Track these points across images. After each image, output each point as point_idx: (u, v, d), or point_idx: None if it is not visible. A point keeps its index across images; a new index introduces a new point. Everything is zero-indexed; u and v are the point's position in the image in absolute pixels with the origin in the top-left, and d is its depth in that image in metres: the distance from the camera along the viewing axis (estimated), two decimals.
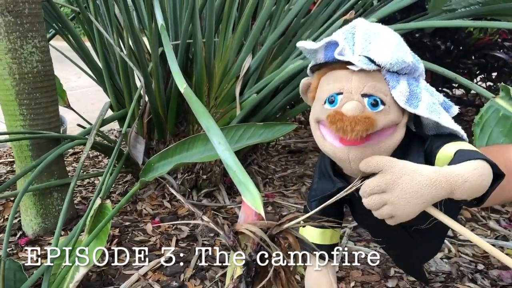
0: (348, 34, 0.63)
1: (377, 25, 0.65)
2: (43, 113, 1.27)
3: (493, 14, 1.46)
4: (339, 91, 0.60)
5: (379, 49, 0.60)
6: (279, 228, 0.46)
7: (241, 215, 0.50)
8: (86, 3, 1.63)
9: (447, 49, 2.06)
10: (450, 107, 0.66)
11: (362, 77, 0.59)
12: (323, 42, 0.61)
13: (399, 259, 0.92)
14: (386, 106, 0.59)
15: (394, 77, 0.60)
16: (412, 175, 0.54)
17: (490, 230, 1.39)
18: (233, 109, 1.47)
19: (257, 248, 0.47)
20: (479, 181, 0.54)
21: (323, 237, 0.82)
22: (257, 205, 0.48)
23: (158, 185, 1.61)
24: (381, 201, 0.56)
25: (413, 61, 0.61)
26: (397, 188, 0.54)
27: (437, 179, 0.54)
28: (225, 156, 0.55)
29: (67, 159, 2.03)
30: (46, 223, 1.34)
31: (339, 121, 0.57)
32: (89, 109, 2.96)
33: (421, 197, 0.54)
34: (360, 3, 1.67)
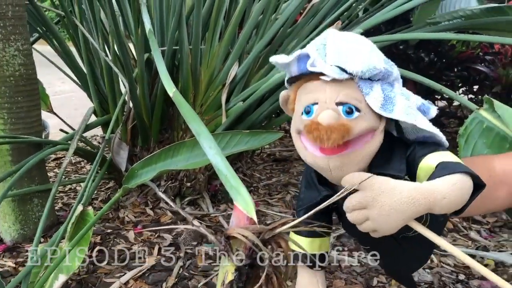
0: (320, 46, 0.64)
1: (348, 34, 0.66)
2: (24, 117, 1.25)
3: (475, 28, 1.49)
4: (314, 102, 0.61)
5: (350, 58, 0.61)
6: (271, 233, 0.46)
7: (232, 219, 0.49)
8: (72, 7, 1.61)
9: (431, 61, 2.09)
10: (428, 108, 0.66)
11: (335, 86, 0.61)
12: (295, 55, 0.63)
13: (388, 267, 0.92)
14: (361, 113, 0.60)
15: (367, 84, 0.61)
16: (391, 193, 0.56)
17: (471, 241, 1.40)
18: (218, 116, 1.47)
19: (249, 253, 0.46)
20: (459, 197, 0.56)
21: (312, 246, 0.82)
22: (249, 210, 0.47)
23: (141, 192, 1.60)
24: (363, 217, 0.58)
25: (385, 67, 0.62)
26: (377, 205, 0.56)
27: (415, 197, 0.55)
28: (216, 160, 0.55)
29: (48, 165, 2.00)
30: (25, 230, 1.31)
31: (316, 130, 0.59)
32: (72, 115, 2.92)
33: (400, 214, 0.56)
34: (345, 14, 1.69)
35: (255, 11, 1.45)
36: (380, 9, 1.54)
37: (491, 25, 1.39)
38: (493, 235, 1.44)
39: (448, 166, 0.58)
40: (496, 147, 0.87)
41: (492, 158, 0.80)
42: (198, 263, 1.22)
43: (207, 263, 1.23)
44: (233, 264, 0.46)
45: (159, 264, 1.21)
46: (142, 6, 1.20)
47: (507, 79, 1.94)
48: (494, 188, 0.76)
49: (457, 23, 1.43)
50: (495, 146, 0.87)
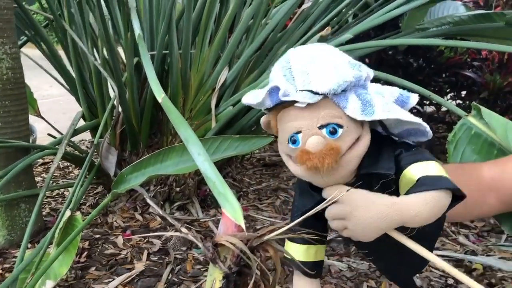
0: (285, 70, 0.64)
1: (311, 49, 0.66)
2: (12, 122, 1.24)
3: (463, 34, 1.51)
4: (297, 131, 0.62)
5: (319, 78, 0.61)
6: (260, 240, 0.46)
7: (220, 226, 0.49)
8: (60, 10, 1.60)
9: (420, 66, 2.11)
10: (408, 97, 0.65)
11: (313, 110, 0.61)
12: (265, 91, 0.63)
13: (388, 271, 0.92)
14: (344, 128, 0.61)
15: (342, 97, 0.61)
16: (367, 208, 0.59)
17: (460, 245, 1.41)
18: (208, 121, 1.46)
19: (237, 260, 0.46)
20: (430, 215, 0.58)
21: (307, 254, 0.82)
22: (237, 217, 0.47)
23: (130, 197, 1.58)
24: (342, 226, 0.62)
25: (354, 75, 0.61)
26: (353, 219, 0.60)
27: (389, 213, 0.58)
28: (204, 167, 0.55)
29: (36, 170, 1.97)
30: (12, 236, 1.29)
31: (308, 160, 0.60)
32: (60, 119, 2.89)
33: (375, 228, 0.59)
34: (335, 20, 1.70)
35: (245, 15, 1.45)
36: (370, 15, 1.56)
37: (479, 31, 1.41)
38: (481, 239, 1.45)
39: (427, 182, 0.60)
40: (484, 153, 0.88)
41: (480, 165, 0.80)
42: (188, 269, 1.22)
43: (197, 268, 1.22)
44: (221, 272, 0.46)
45: (148, 270, 1.20)
46: (132, 10, 1.20)
47: (494, 84, 1.96)
48: (483, 195, 0.77)
49: (446, 29, 1.44)
50: (484, 152, 0.88)
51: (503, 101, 2.00)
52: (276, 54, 1.57)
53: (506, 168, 0.77)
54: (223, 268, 0.45)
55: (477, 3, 2.14)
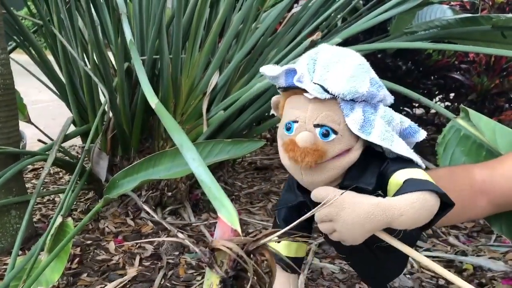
0: (310, 60, 0.66)
1: (341, 52, 0.67)
2: (2, 128, 1.23)
3: (451, 38, 1.53)
4: (295, 119, 0.64)
5: (335, 78, 0.63)
6: (256, 244, 0.46)
7: (217, 231, 0.49)
8: (50, 16, 1.59)
9: (408, 69, 2.13)
10: (416, 132, 0.67)
11: (317, 106, 0.63)
12: (283, 69, 0.65)
13: (365, 276, 0.93)
14: (338, 135, 0.63)
15: (349, 105, 0.63)
16: (352, 208, 0.60)
17: (450, 246, 1.42)
18: (199, 125, 1.46)
19: (234, 264, 0.46)
20: (416, 215, 0.58)
21: (288, 249, 0.84)
22: (233, 221, 0.48)
23: (121, 202, 1.58)
24: (330, 228, 0.63)
25: (368, 90, 0.63)
26: (340, 220, 0.60)
27: (374, 213, 0.58)
28: (199, 172, 0.55)
29: (26, 176, 1.96)
30: (3, 243, 1.28)
31: (291, 151, 0.63)
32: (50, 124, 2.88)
33: (361, 228, 0.59)
34: (324, 24, 1.71)
35: (235, 20, 1.46)
36: (358, 19, 1.57)
37: (466, 34, 1.43)
38: (471, 240, 1.47)
39: (413, 183, 0.61)
40: (473, 154, 0.89)
41: (472, 168, 0.81)
42: (180, 274, 1.21)
43: (189, 273, 1.22)
44: (218, 276, 0.46)
45: (140, 275, 1.20)
46: (123, 16, 1.20)
47: (482, 87, 1.99)
48: (474, 197, 0.78)
49: (433, 33, 1.46)
50: (473, 154, 0.89)
51: (491, 103, 2.03)
52: (266, 58, 1.58)
53: (497, 171, 0.78)
54: (220, 273, 0.46)
55: (463, 7, 2.17)
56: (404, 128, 0.67)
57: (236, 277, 0.47)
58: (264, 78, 1.33)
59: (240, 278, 0.47)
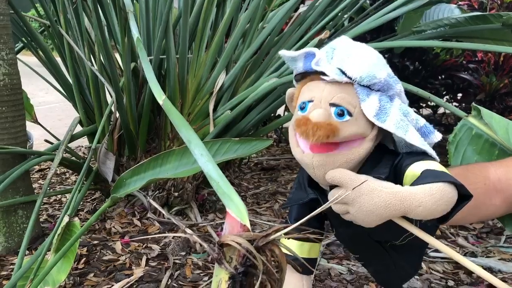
0: (329, 49, 0.66)
1: (360, 44, 0.67)
2: (9, 128, 1.23)
3: (460, 36, 1.52)
4: (310, 99, 0.64)
5: (354, 63, 0.62)
6: (265, 240, 0.45)
7: (225, 227, 0.49)
8: (57, 16, 1.60)
9: (416, 69, 2.12)
10: (430, 133, 0.66)
11: (333, 88, 0.62)
12: (302, 51, 0.65)
13: (378, 276, 0.92)
14: (353, 118, 0.62)
15: (365, 91, 0.63)
16: (370, 195, 0.58)
17: (459, 247, 1.41)
18: (206, 125, 1.46)
19: (243, 260, 0.45)
20: (435, 206, 0.56)
21: (301, 250, 0.83)
22: (242, 216, 0.47)
23: (128, 202, 1.58)
24: (344, 210, 0.61)
25: (385, 78, 0.63)
26: (356, 205, 0.59)
27: (392, 202, 0.57)
28: (207, 168, 0.54)
29: (33, 176, 1.96)
30: (10, 242, 1.28)
31: (303, 125, 0.61)
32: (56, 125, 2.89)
33: (377, 216, 0.58)
34: (331, 23, 1.70)
35: (242, 19, 1.46)
36: (366, 19, 1.56)
37: (476, 33, 1.42)
38: (480, 241, 1.45)
39: (431, 174, 0.59)
40: (485, 153, 0.88)
41: (486, 166, 0.80)
42: (187, 274, 1.21)
43: (196, 273, 1.21)
44: (227, 272, 0.45)
45: (147, 275, 1.19)
46: (130, 14, 1.19)
47: (491, 86, 1.97)
48: (489, 196, 0.77)
49: (442, 32, 1.45)
50: (485, 153, 0.88)
51: (500, 103, 2.01)
52: (273, 57, 1.57)
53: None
54: (229, 269, 0.45)
55: (471, 6, 2.15)
56: (420, 126, 0.66)
57: (246, 274, 0.46)
58: (271, 78, 1.33)
59: (249, 274, 0.46)
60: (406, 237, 0.73)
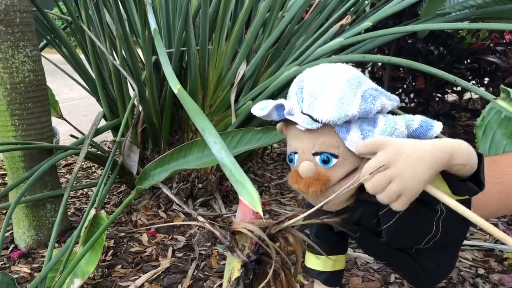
0: (298, 90, 0.65)
1: (327, 72, 0.64)
2: (35, 123, 1.25)
3: (487, 17, 1.47)
4: (294, 150, 0.65)
5: (322, 106, 0.61)
6: (278, 227, 0.44)
7: (238, 214, 0.48)
8: (78, 12, 1.61)
9: (440, 54, 2.07)
10: (429, 128, 0.61)
11: (312, 135, 0.62)
12: (271, 106, 0.64)
13: (408, 279, 0.92)
14: (339, 159, 0.61)
15: (344, 128, 0.61)
16: (413, 143, 0.54)
17: (489, 234, 1.38)
18: (228, 116, 1.46)
19: (256, 248, 0.45)
20: (469, 153, 0.55)
21: (325, 264, 0.84)
22: (255, 204, 0.46)
23: (153, 195, 1.59)
24: (386, 179, 0.54)
25: (360, 109, 0.59)
26: (401, 158, 0.53)
27: (437, 143, 0.54)
28: (220, 155, 0.54)
29: (59, 171, 2.00)
30: (39, 236, 1.31)
31: (296, 183, 0.63)
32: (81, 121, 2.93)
33: (426, 162, 0.53)
34: (352, 9, 1.67)
35: (262, 8, 1.44)
36: (387, 3, 1.52)
37: (504, 13, 1.37)
38: (511, 228, 1.41)
39: None
40: None
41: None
42: (213, 264, 1.21)
43: (222, 264, 1.22)
44: (239, 260, 0.44)
45: (173, 266, 1.20)
46: (148, 6, 1.20)
47: None
48: None
49: (468, 13, 1.41)
50: None
51: None
52: (293, 46, 1.56)
53: None
54: (241, 257, 0.44)
55: None
56: (415, 128, 0.61)
57: (259, 262, 0.45)
58: (292, 66, 1.31)
59: (262, 262, 0.45)
60: (430, 239, 0.72)
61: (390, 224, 0.68)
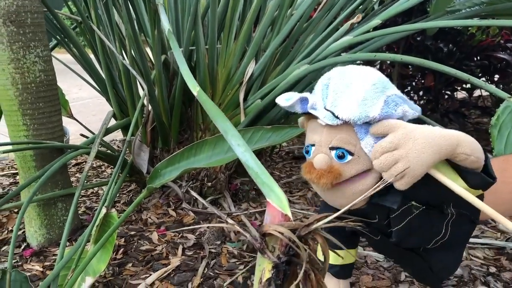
0: (323, 86, 0.66)
1: (355, 73, 0.65)
2: (46, 123, 1.26)
3: (498, 14, 1.45)
4: (312, 143, 0.66)
5: (345, 104, 0.62)
6: (308, 229, 0.45)
7: (266, 217, 0.48)
8: (88, 12, 1.62)
9: (450, 51, 2.05)
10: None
11: (331, 130, 0.64)
12: (296, 98, 0.65)
13: (416, 276, 0.92)
14: (354, 157, 0.63)
15: (363, 129, 0.62)
16: (423, 128, 0.58)
17: (500, 232, 1.37)
18: (237, 115, 1.46)
19: (286, 250, 0.45)
20: (474, 144, 0.59)
21: (336, 258, 0.85)
22: (283, 206, 0.47)
23: (162, 193, 1.60)
24: (393, 159, 0.58)
25: (381, 112, 0.60)
26: (409, 141, 0.57)
27: (444, 131, 0.58)
28: (245, 158, 0.54)
29: (70, 170, 2.02)
30: (51, 234, 1.32)
31: (309, 173, 0.65)
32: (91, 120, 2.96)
33: (433, 147, 0.57)
34: (361, 7, 1.66)
35: (270, 7, 1.44)
36: (396, 1, 1.52)
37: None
38: None
39: None
40: None
41: None
42: (223, 262, 1.22)
43: (232, 262, 1.22)
44: (270, 262, 0.45)
45: (183, 264, 1.21)
46: (160, 6, 1.20)
47: None
48: None
49: (478, 10, 1.39)
50: None
51: None
52: (302, 44, 1.55)
53: None
54: (272, 258, 0.45)
55: None
56: None
57: (289, 263, 0.46)
58: (301, 65, 1.31)
59: (292, 263, 0.46)
60: (438, 240, 0.73)
61: (400, 227, 0.69)
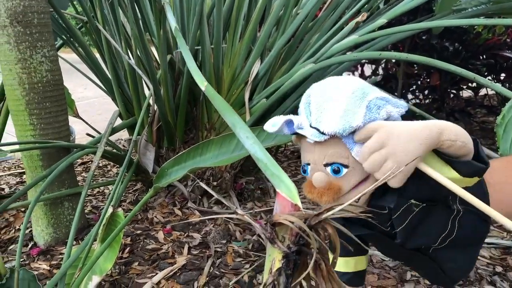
0: (305, 105, 0.66)
1: (332, 86, 0.65)
2: (53, 122, 1.27)
3: (504, 12, 1.45)
4: (307, 162, 0.67)
5: (328, 119, 0.62)
6: (318, 218, 0.45)
7: (276, 207, 0.49)
8: (94, 12, 1.63)
9: (455, 50, 2.05)
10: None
11: (322, 147, 0.64)
12: (281, 122, 0.65)
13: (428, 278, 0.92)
14: (349, 169, 0.63)
15: (350, 139, 0.63)
16: (402, 124, 0.60)
17: (507, 232, 1.36)
18: (242, 114, 1.46)
19: (296, 239, 0.46)
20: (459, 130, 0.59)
21: (347, 265, 0.86)
22: (293, 196, 0.47)
23: (168, 192, 1.61)
24: (381, 158, 0.59)
25: (364, 120, 0.61)
26: (393, 137, 0.58)
27: (427, 123, 0.59)
28: (254, 149, 0.54)
29: (76, 169, 2.02)
30: (58, 233, 1.33)
31: (310, 193, 0.65)
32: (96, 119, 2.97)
33: (418, 139, 0.57)
34: (366, 7, 1.66)
35: (275, 6, 1.44)
36: (401, 0, 1.51)
37: None
38: None
39: None
40: None
41: None
42: (228, 262, 1.22)
43: (237, 261, 1.23)
44: (280, 252, 0.45)
45: (189, 263, 1.22)
46: (166, 5, 1.20)
47: None
48: None
49: (485, 9, 1.39)
50: None
51: None
52: (308, 44, 1.55)
53: None
54: (282, 248, 0.45)
55: None
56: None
57: (299, 252, 0.46)
58: (306, 64, 1.31)
59: (303, 253, 0.46)
60: (445, 238, 0.72)
61: (403, 226, 0.69)
